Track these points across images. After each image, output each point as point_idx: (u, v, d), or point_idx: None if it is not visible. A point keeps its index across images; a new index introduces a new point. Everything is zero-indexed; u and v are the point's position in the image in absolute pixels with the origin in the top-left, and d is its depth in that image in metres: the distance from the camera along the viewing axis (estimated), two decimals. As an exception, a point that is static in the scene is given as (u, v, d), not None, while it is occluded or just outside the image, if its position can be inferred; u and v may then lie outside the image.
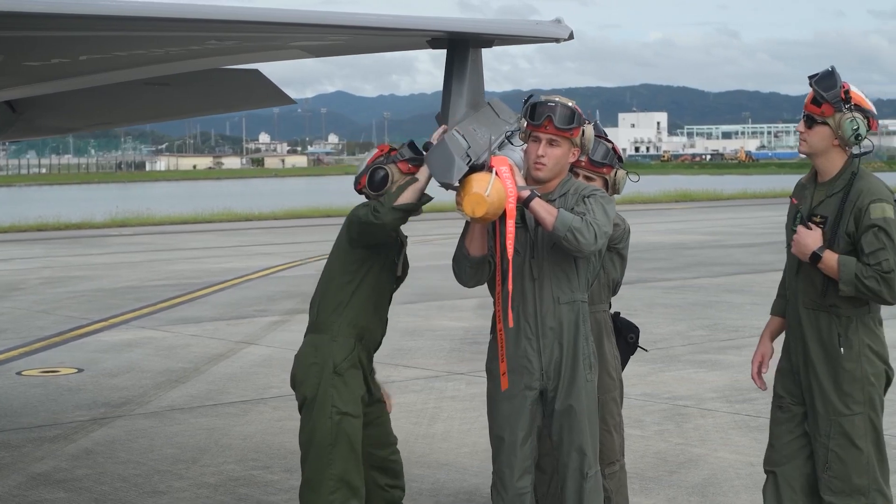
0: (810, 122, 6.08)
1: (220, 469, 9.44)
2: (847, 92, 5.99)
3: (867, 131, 6.02)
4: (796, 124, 6.30)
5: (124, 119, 12.36)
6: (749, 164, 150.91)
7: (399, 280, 6.61)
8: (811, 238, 6.06)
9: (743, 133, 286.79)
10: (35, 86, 8.56)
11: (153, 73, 8.28)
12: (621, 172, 6.96)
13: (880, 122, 6.44)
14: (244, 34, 6.64)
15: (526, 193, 5.85)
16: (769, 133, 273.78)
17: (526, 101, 6.16)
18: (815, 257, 6.03)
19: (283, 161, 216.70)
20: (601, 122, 7.49)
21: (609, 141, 6.89)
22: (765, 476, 6.41)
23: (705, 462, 9.47)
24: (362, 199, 6.51)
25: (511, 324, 6.00)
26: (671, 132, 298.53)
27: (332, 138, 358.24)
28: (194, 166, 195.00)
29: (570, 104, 6.07)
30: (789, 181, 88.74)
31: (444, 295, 19.89)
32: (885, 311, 6.22)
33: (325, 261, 6.61)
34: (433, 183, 5.99)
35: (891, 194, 6.05)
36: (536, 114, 6.03)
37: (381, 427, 6.70)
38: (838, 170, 6.11)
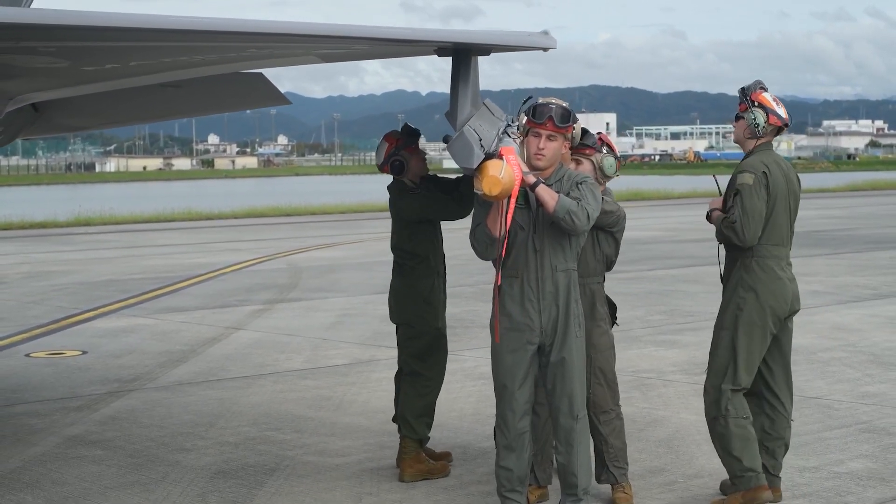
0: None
1: (236, 431, 10.52)
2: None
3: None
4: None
5: (134, 118, 13.37)
6: (697, 164, 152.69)
7: None
8: (713, 202, 8.16)
9: (691, 134, 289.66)
10: (74, 88, 9.58)
11: (183, 77, 9.35)
12: (607, 157, 8.18)
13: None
14: (281, 44, 7.70)
15: (532, 179, 7.09)
16: (717, 134, 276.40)
17: (525, 102, 7.36)
18: (709, 216, 8.17)
19: (233, 162, 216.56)
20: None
21: (599, 133, 8.15)
22: None
23: (669, 422, 10.64)
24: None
25: (499, 281, 7.31)
26: (620, 133, 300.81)
27: (282, 139, 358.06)
28: (144, 167, 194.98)
29: (564, 105, 7.28)
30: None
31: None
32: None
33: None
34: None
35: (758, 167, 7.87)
36: (539, 113, 7.23)
37: None
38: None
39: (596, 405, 8.10)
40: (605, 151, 8.15)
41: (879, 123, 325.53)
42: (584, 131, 8.04)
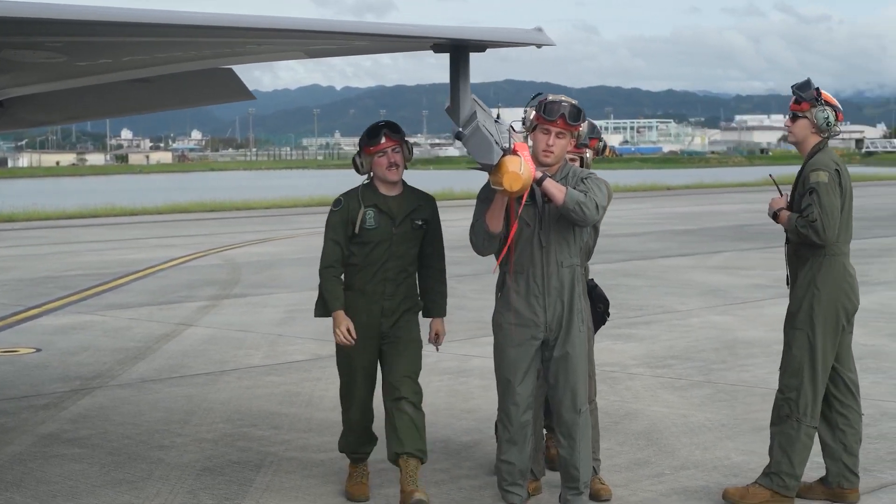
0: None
1: (212, 427, 10.48)
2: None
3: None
4: (657, 120, 7.93)
5: (101, 113, 13.20)
6: (613, 158, 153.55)
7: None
8: (775, 202, 8.24)
9: (606, 129, 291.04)
10: (56, 83, 9.47)
11: (170, 71, 9.28)
12: (589, 152, 8.35)
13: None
14: (278, 40, 7.68)
15: (539, 174, 7.12)
16: (632, 128, 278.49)
17: (535, 97, 7.43)
18: (775, 216, 8.16)
19: (147, 157, 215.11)
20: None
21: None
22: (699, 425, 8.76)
23: (643, 414, 10.75)
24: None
25: (511, 273, 7.37)
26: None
27: (196, 134, 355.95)
28: (57, 163, 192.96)
29: (574, 102, 7.35)
30: (655, 175, 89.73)
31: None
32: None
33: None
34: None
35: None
36: (550, 111, 7.29)
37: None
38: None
39: None
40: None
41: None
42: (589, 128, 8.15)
